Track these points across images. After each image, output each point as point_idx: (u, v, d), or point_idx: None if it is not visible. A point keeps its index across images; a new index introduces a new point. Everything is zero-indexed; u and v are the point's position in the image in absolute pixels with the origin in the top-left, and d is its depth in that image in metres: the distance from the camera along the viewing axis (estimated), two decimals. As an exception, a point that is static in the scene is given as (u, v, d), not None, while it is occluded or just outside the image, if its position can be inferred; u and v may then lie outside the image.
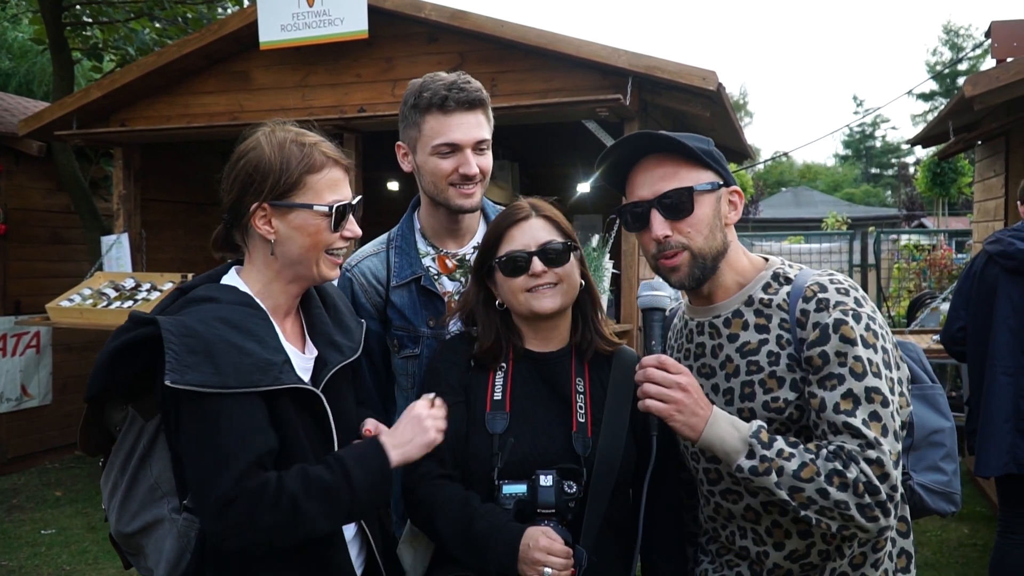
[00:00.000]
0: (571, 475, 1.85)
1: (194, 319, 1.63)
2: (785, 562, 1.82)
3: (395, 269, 2.29)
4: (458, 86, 2.16)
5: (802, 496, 1.61)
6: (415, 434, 1.77)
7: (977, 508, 5.95)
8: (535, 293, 1.95)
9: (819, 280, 1.75)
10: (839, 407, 1.64)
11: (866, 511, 1.60)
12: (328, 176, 1.78)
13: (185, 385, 1.54)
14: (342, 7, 5.61)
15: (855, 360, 1.65)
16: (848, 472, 1.59)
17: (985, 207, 6.43)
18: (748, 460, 1.64)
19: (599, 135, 5.39)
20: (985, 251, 3.91)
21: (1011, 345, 3.73)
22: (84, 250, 7.65)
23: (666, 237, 1.76)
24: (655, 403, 1.69)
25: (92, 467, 7.29)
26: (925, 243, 12.75)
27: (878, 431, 1.62)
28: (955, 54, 45.03)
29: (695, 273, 1.78)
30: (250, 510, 1.55)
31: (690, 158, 1.78)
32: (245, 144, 1.80)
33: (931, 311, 7.43)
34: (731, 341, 1.82)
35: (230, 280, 1.82)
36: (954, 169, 15.22)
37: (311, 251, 1.77)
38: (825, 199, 32.30)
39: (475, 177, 2.19)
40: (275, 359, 1.66)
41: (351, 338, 1.94)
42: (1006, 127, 5.34)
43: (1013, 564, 3.82)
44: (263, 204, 1.74)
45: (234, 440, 1.58)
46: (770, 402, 1.75)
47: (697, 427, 1.68)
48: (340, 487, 1.64)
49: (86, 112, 6.50)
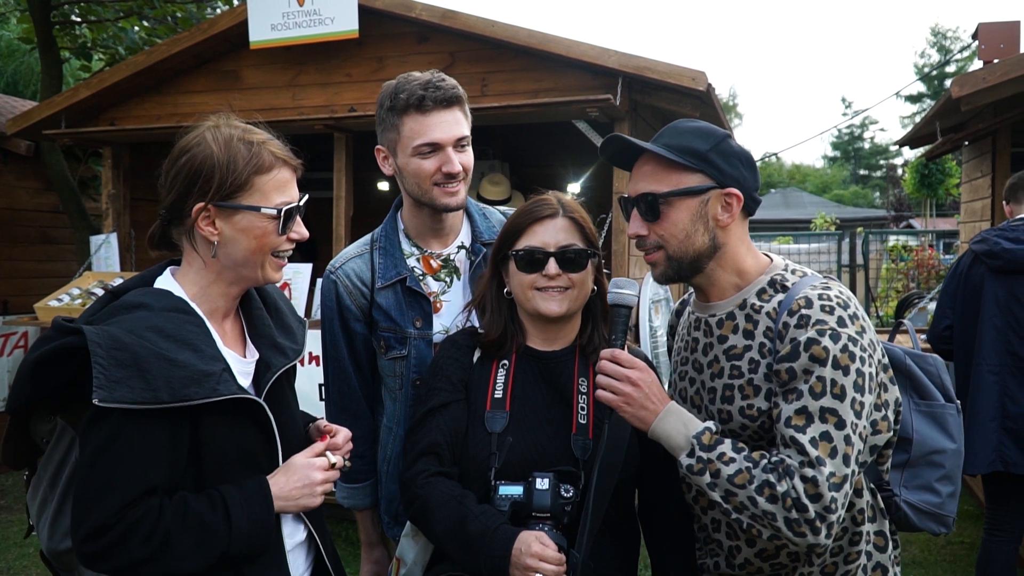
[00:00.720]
0: (568, 478, 1.84)
1: (123, 329, 1.54)
2: (756, 559, 1.85)
3: (379, 270, 2.27)
4: (434, 85, 2.16)
5: (735, 500, 1.65)
6: (302, 495, 1.72)
7: (964, 507, 5.99)
8: (544, 294, 1.95)
9: (808, 294, 1.73)
10: (791, 421, 1.65)
11: (792, 526, 1.61)
12: (276, 177, 1.71)
13: (116, 403, 1.47)
14: (332, 7, 5.60)
15: (817, 380, 1.64)
16: (779, 485, 1.61)
17: (972, 207, 6.48)
18: (687, 458, 1.70)
19: (589, 135, 5.40)
20: (971, 250, 3.94)
21: (997, 344, 3.76)
22: (72, 250, 7.62)
23: (641, 236, 1.83)
24: (605, 393, 1.77)
25: (80, 468, 7.25)
26: (913, 244, 12.83)
27: (824, 451, 1.62)
28: (943, 56, 45.30)
29: (669, 272, 1.84)
30: (120, 541, 1.50)
31: (672, 162, 1.78)
32: (188, 140, 1.72)
33: (919, 311, 7.48)
34: (720, 342, 1.84)
35: (164, 282, 1.74)
36: (941, 170, 15.34)
37: (256, 254, 1.71)
38: (814, 200, 32.39)
39: (459, 175, 2.19)
40: (212, 368, 1.59)
41: (294, 339, 1.89)
42: (993, 128, 5.38)
43: (1000, 561, 3.85)
44: (207, 205, 1.67)
45: (125, 469, 1.51)
46: (745, 408, 1.77)
47: (646, 420, 1.75)
48: (218, 528, 1.58)
49: (75, 111, 6.46)
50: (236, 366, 1.71)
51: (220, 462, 1.65)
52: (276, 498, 1.68)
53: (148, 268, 1.81)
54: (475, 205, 2.44)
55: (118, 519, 1.49)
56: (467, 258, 2.35)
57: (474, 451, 1.90)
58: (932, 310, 6.10)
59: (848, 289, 1.85)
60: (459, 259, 2.35)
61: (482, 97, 5.45)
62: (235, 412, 1.64)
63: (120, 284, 1.76)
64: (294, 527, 1.83)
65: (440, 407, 1.95)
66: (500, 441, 1.88)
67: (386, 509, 2.37)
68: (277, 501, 1.68)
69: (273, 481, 1.69)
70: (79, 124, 6.54)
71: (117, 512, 1.49)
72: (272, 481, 1.69)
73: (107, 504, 1.49)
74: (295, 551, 1.83)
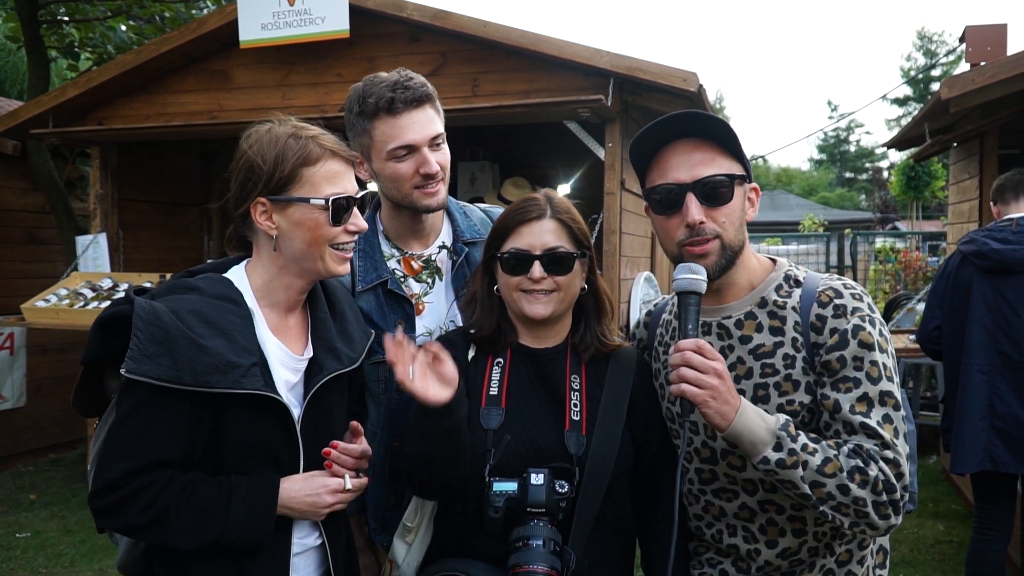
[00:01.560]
0: (563, 474, 1.83)
1: (167, 307, 1.63)
2: (776, 559, 1.83)
3: (360, 273, 2.22)
4: (402, 85, 2.11)
5: (822, 491, 1.62)
6: (308, 509, 1.75)
7: (952, 506, 6.03)
8: (528, 296, 1.93)
9: (832, 285, 1.77)
10: (855, 408, 1.66)
11: (880, 509, 1.62)
12: (324, 168, 1.75)
13: (140, 376, 1.56)
14: (323, 6, 5.58)
15: (871, 364, 1.68)
16: (869, 470, 1.62)
17: (960, 209, 6.52)
18: (776, 452, 1.63)
19: (580, 136, 5.40)
20: (959, 251, 3.97)
21: (985, 344, 3.79)
22: (59, 250, 7.56)
23: (701, 223, 1.73)
24: (691, 388, 1.63)
25: (67, 470, 7.20)
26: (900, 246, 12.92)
27: (891, 433, 1.65)
28: (929, 60, 45.64)
29: (722, 263, 1.76)
30: (120, 505, 1.60)
31: (727, 148, 1.76)
32: (245, 140, 1.80)
33: (907, 311, 7.53)
34: (743, 343, 1.81)
35: (233, 272, 1.81)
36: (928, 173, 15.43)
37: (313, 246, 1.75)
38: (801, 202, 32.57)
39: (437, 175, 2.15)
40: (241, 360, 1.64)
41: (353, 348, 1.91)
42: (981, 129, 5.42)
43: (989, 559, 3.88)
44: (261, 199, 1.74)
45: (141, 438, 1.61)
46: (785, 405, 1.76)
47: (728, 416, 1.64)
48: (215, 515, 1.64)
49: (62, 110, 6.42)
50: (286, 360, 1.77)
51: (241, 453, 1.70)
52: (282, 501, 1.71)
53: (189, 268, 1.88)
54: (455, 204, 2.40)
55: (124, 482, 1.60)
56: (449, 258, 2.32)
57: (470, 448, 1.89)
58: (920, 311, 6.15)
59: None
60: (440, 259, 2.31)
61: (473, 97, 5.45)
62: (261, 407, 1.68)
63: (198, 267, 1.87)
64: (308, 531, 1.84)
65: None
66: (496, 438, 1.87)
67: (373, 515, 2.32)
68: (282, 505, 1.71)
69: (287, 485, 1.73)
70: (67, 123, 6.49)
71: (125, 476, 1.59)
72: (286, 484, 1.72)
73: (118, 467, 1.60)
74: (306, 555, 1.85)
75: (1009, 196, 3.98)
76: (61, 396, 7.68)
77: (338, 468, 1.79)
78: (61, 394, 7.70)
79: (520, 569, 1.72)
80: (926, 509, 5.95)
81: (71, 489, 6.63)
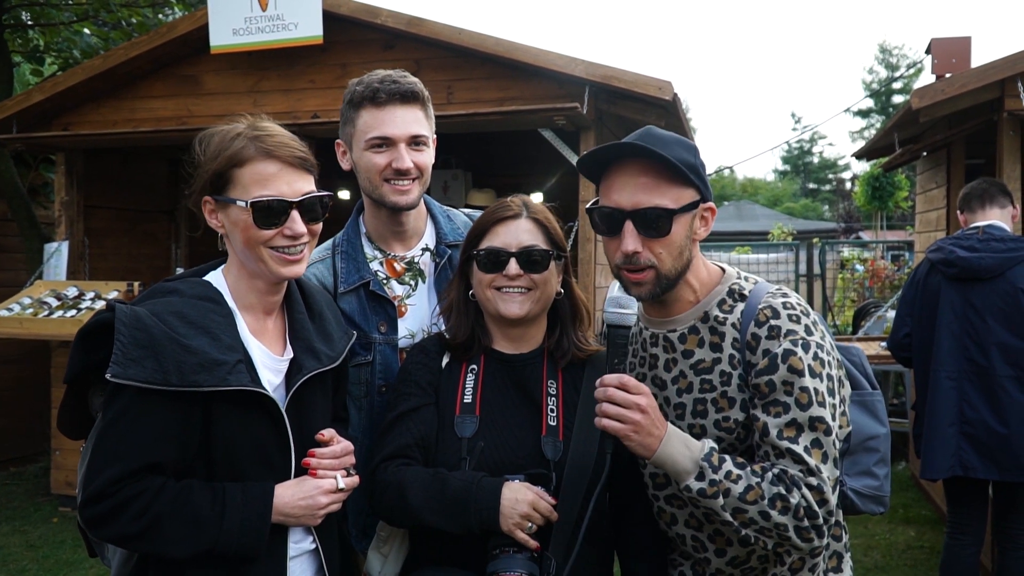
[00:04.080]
0: (540, 480, 1.82)
1: (148, 310, 1.62)
2: (727, 567, 1.85)
3: (342, 275, 2.22)
4: (391, 79, 2.13)
5: (744, 517, 1.64)
6: (303, 514, 1.73)
7: (923, 512, 6.10)
8: (504, 294, 1.92)
9: (771, 303, 1.74)
10: (782, 433, 1.67)
11: (803, 533, 1.64)
12: (255, 169, 1.70)
13: (126, 380, 1.54)
14: (296, 12, 5.54)
15: (801, 391, 1.67)
16: (791, 497, 1.63)
17: (927, 218, 6.64)
18: (697, 482, 1.65)
19: (555, 144, 5.41)
20: (928, 259, 4.03)
21: (953, 350, 3.84)
22: (22, 259, 7.41)
23: (636, 253, 1.71)
24: (612, 423, 1.66)
25: (29, 484, 7.03)
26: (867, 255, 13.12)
27: (819, 458, 1.65)
28: (890, 72, 46.56)
29: (656, 291, 1.76)
30: (112, 513, 1.57)
31: (676, 174, 1.71)
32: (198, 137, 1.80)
33: (876, 319, 7.64)
34: (685, 357, 1.82)
35: (212, 275, 1.81)
36: (892, 183, 15.69)
37: (249, 247, 1.72)
38: (767, 212, 32.98)
39: (409, 172, 2.14)
40: (226, 358, 1.63)
41: (332, 348, 1.89)
42: (948, 139, 5.53)
43: (963, 565, 3.92)
44: (207, 196, 1.75)
45: (130, 442, 1.58)
46: (721, 421, 1.76)
47: (651, 447, 1.67)
48: (209, 523, 1.61)
49: (27, 115, 6.30)
50: (267, 362, 1.75)
51: (232, 453, 1.68)
52: (277, 508, 1.69)
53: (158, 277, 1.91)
54: (439, 207, 2.39)
55: (116, 489, 1.57)
56: (431, 260, 2.30)
57: (444, 457, 1.87)
58: (890, 318, 6.23)
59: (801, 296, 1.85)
60: (423, 262, 2.30)
61: (448, 105, 5.43)
62: (248, 404, 1.67)
63: (179, 273, 1.86)
64: (302, 535, 1.82)
65: (410, 411, 1.92)
66: (471, 446, 1.86)
67: (354, 522, 2.30)
68: (276, 513, 1.69)
69: (280, 491, 1.70)
70: (31, 128, 6.37)
71: (116, 482, 1.57)
72: (279, 491, 1.70)
73: (108, 473, 1.57)
74: (301, 559, 1.83)
75: (975, 205, 4.04)
76: (23, 408, 7.50)
77: (325, 472, 1.77)
78: (23, 406, 7.52)
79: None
80: (896, 515, 6.02)
81: (33, 503, 6.47)
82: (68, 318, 5.65)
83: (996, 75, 4.58)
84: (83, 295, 5.98)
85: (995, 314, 3.75)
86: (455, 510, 1.75)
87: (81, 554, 5.37)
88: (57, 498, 6.35)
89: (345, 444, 1.84)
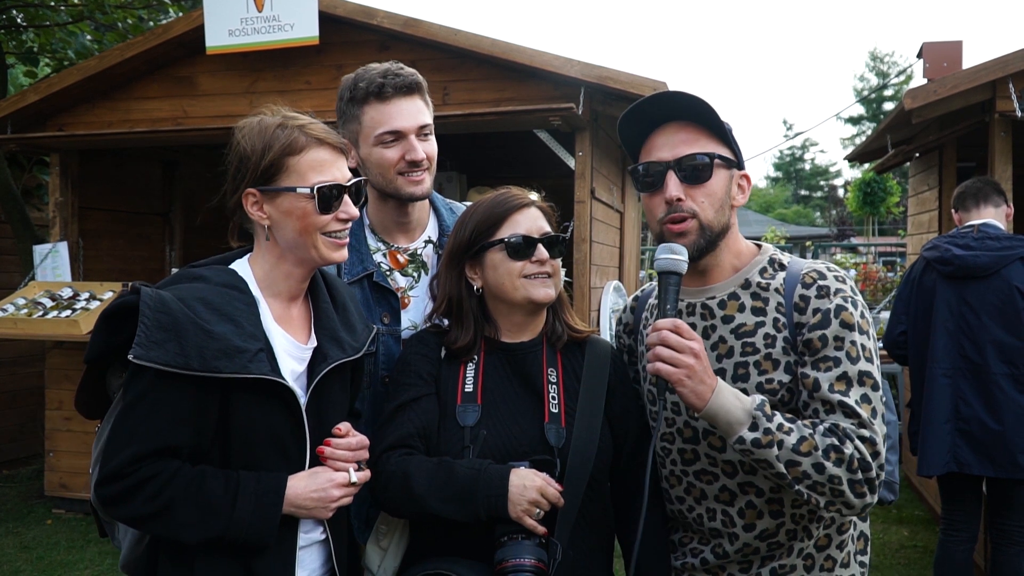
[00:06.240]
0: (544, 466, 1.83)
1: (173, 295, 1.64)
2: (755, 541, 1.85)
3: (345, 266, 2.22)
4: (393, 72, 2.14)
5: (797, 470, 1.64)
6: (316, 506, 1.73)
7: (916, 512, 6.13)
8: (533, 280, 1.93)
9: (816, 267, 1.81)
10: (833, 387, 1.69)
11: (856, 487, 1.65)
12: (310, 157, 1.74)
13: (148, 362, 1.56)
14: (293, 13, 5.55)
15: (851, 344, 1.71)
16: (844, 448, 1.63)
17: (919, 220, 6.68)
18: (751, 432, 1.65)
19: (551, 145, 5.43)
20: (923, 257, 4.05)
21: (949, 348, 3.86)
22: (15, 260, 7.38)
23: (678, 200, 1.76)
24: (666, 367, 1.64)
25: (22, 486, 7.00)
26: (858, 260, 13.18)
27: (869, 412, 1.68)
28: (881, 79, 46.82)
29: (700, 243, 1.79)
30: (127, 494, 1.59)
31: (714, 130, 1.80)
32: (239, 131, 1.80)
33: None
34: (725, 323, 1.84)
35: (237, 264, 1.82)
36: (883, 188, 15.78)
37: (304, 235, 1.74)
38: (759, 218, 33.11)
39: (423, 162, 2.16)
40: (247, 346, 1.64)
41: (355, 337, 1.90)
42: (940, 141, 5.57)
43: (957, 562, 3.94)
44: (251, 189, 1.75)
45: (148, 424, 1.60)
46: (764, 383, 1.77)
47: (704, 395, 1.65)
48: (220, 510, 1.63)
49: (22, 116, 6.27)
50: (291, 350, 1.77)
51: (248, 441, 1.69)
52: (289, 500, 1.69)
53: (151, 279, 1.92)
54: (441, 200, 2.41)
55: (133, 470, 1.59)
56: (434, 253, 2.32)
57: (447, 446, 1.87)
58: (884, 319, 6.26)
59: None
60: (426, 254, 2.32)
61: (444, 106, 5.44)
62: (267, 393, 1.68)
63: (202, 260, 1.88)
64: (313, 526, 1.83)
65: (410, 402, 1.92)
66: (473, 434, 1.86)
67: (356, 514, 2.30)
68: (288, 505, 1.69)
69: (293, 483, 1.71)
70: (26, 130, 6.35)
71: (133, 462, 1.59)
72: (292, 482, 1.71)
73: (125, 453, 1.59)
74: (311, 549, 1.84)
75: (970, 203, 4.07)
76: (16, 410, 7.47)
77: (339, 463, 1.77)
78: (16, 408, 7.49)
79: (508, 563, 1.70)
80: (890, 515, 6.04)
81: (27, 505, 6.44)
82: (63, 318, 5.63)
83: (987, 76, 4.62)
84: (78, 295, 5.96)
85: (990, 312, 3.78)
86: (462, 497, 1.75)
87: (75, 555, 5.36)
88: (51, 500, 6.33)
89: (361, 438, 1.84)
